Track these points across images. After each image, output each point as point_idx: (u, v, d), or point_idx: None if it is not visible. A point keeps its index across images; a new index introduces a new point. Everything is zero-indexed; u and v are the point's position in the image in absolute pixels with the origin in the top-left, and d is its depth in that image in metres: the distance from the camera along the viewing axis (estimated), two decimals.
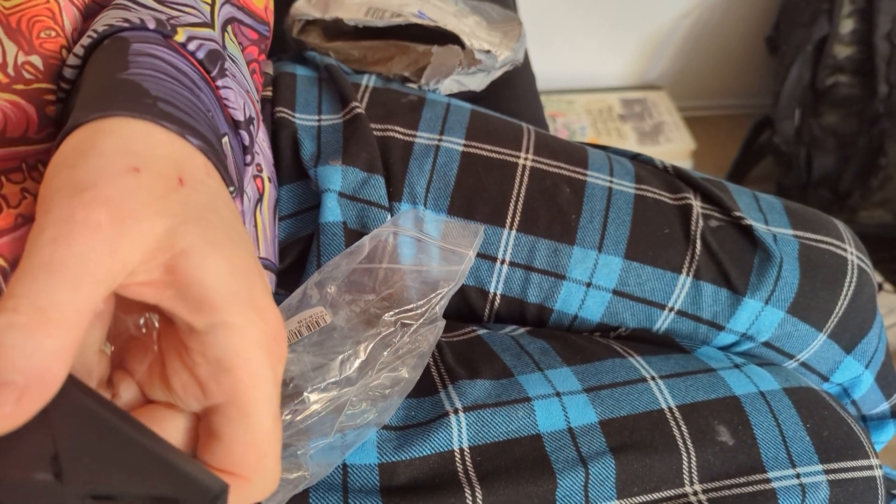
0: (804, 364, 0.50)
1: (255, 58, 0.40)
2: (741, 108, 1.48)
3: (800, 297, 0.48)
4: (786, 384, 0.45)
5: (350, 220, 0.48)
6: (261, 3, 0.41)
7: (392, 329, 0.36)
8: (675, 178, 0.52)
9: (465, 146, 0.50)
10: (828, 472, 0.42)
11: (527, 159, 0.50)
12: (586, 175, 0.51)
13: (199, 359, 0.22)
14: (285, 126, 0.50)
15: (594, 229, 0.48)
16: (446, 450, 0.40)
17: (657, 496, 0.40)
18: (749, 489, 0.41)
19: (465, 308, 0.51)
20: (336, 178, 0.48)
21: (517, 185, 0.49)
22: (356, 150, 0.48)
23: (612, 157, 0.54)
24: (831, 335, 0.49)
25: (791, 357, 0.50)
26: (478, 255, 0.48)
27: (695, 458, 0.41)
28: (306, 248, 0.49)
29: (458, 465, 0.40)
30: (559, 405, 0.42)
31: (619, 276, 0.48)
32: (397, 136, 0.50)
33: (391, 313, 0.36)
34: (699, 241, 0.49)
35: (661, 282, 0.48)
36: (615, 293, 0.49)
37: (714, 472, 0.41)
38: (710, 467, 0.41)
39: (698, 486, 0.41)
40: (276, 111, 0.51)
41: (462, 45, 0.56)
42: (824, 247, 0.50)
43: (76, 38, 0.33)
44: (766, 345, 0.49)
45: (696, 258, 0.48)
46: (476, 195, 0.49)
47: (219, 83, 0.32)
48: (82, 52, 0.30)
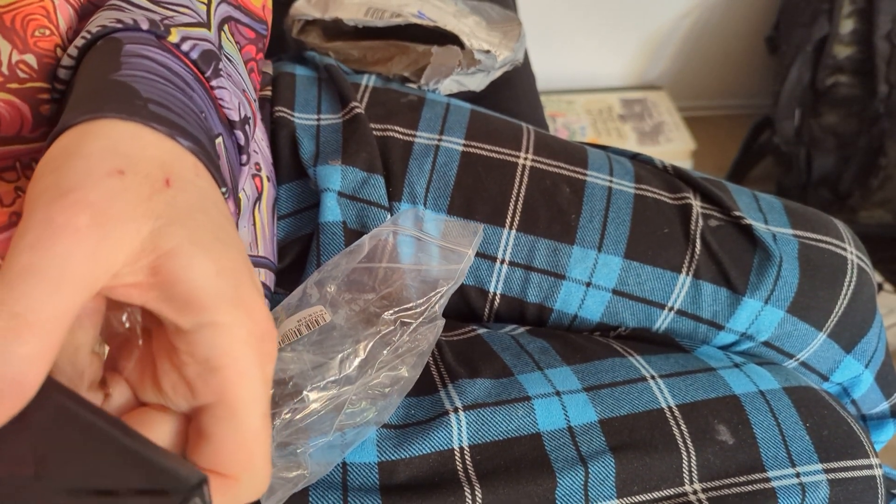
0: (804, 363, 0.50)
1: (252, 56, 0.40)
2: (741, 108, 1.48)
3: (799, 297, 0.48)
4: (786, 383, 0.45)
5: (350, 219, 0.48)
6: (258, 1, 0.41)
7: (392, 328, 0.36)
8: (674, 178, 0.52)
9: (464, 146, 0.50)
10: (827, 471, 0.42)
11: (526, 159, 0.50)
12: (586, 175, 0.51)
13: (186, 359, 0.22)
14: (284, 125, 0.50)
15: (594, 229, 0.49)
16: (446, 448, 0.40)
17: (657, 495, 0.40)
18: (749, 488, 0.41)
19: (464, 307, 0.51)
20: (335, 177, 0.48)
21: (517, 185, 0.49)
22: (356, 149, 0.49)
23: (612, 156, 0.54)
24: (831, 335, 0.49)
25: (791, 356, 0.50)
26: (478, 254, 0.49)
27: (695, 458, 0.41)
28: (306, 247, 0.49)
29: (457, 463, 0.40)
30: (559, 404, 0.42)
31: (619, 275, 0.48)
32: (397, 135, 0.51)
33: (391, 312, 0.36)
34: (699, 241, 0.49)
35: (660, 281, 0.48)
36: (615, 293, 0.49)
37: (714, 472, 0.41)
38: (709, 466, 0.41)
39: (698, 486, 0.41)
40: (276, 110, 0.51)
41: (462, 45, 0.56)
42: (824, 246, 0.50)
43: (71, 36, 0.33)
44: (766, 344, 0.49)
45: (696, 258, 0.48)
46: (476, 195, 0.49)
47: (213, 83, 0.32)
48: (76, 53, 0.30)
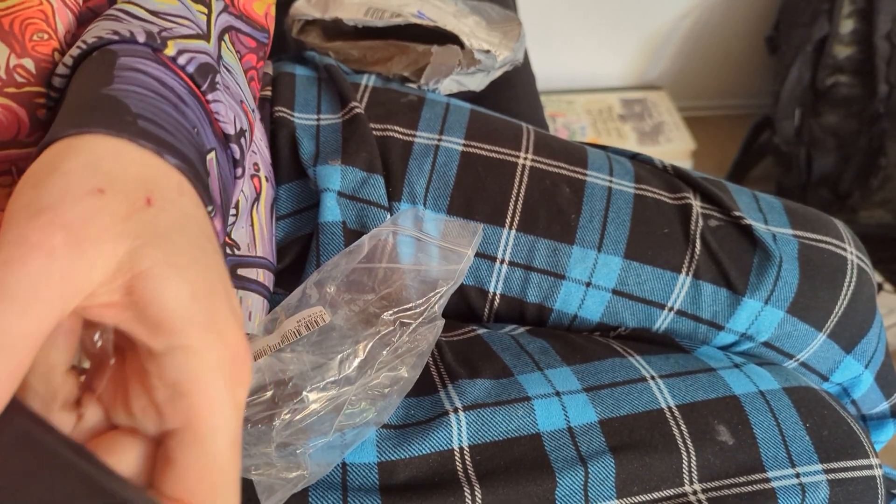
0: (804, 364, 0.50)
1: (253, 65, 0.40)
2: (741, 108, 1.48)
3: (799, 297, 0.48)
4: (785, 384, 0.45)
5: (349, 219, 0.48)
6: (261, 9, 0.41)
7: (391, 328, 0.36)
8: (674, 178, 0.52)
9: (464, 146, 0.50)
10: (827, 471, 0.42)
11: (526, 159, 0.50)
12: (586, 175, 0.51)
13: (156, 382, 0.22)
14: (284, 125, 0.50)
15: (594, 229, 0.48)
16: (446, 449, 0.40)
17: (657, 495, 0.40)
18: (749, 489, 0.41)
19: (464, 307, 0.51)
20: (335, 177, 0.48)
21: (517, 185, 0.49)
22: (355, 149, 0.48)
23: (612, 156, 0.54)
24: (831, 335, 0.49)
25: (791, 357, 0.50)
26: (477, 254, 0.48)
27: (694, 458, 0.41)
28: (305, 247, 0.49)
29: (457, 464, 0.40)
30: (559, 404, 0.42)
31: (619, 275, 0.48)
32: (397, 135, 0.51)
33: (390, 312, 0.36)
34: (699, 241, 0.49)
35: (660, 281, 0.48)
36: (615, 293, 0.49)
37: (714, 472, 0.41)
38: (709, 467, 0.41)
39: (698, 486, 0.41)
40: (275, 110, 0.51)
41: (461, 45, 0.56)
42: (824, 246, 0.50)
43: (69, 40, 0.33)
44: (766, 345, 0.49)
45: (696, 258, 0.48)
46: (476, 195, 0.49)
47: (209, 97, 0.32)
48: (71, 62, 0.30)
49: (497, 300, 0.50)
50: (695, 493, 0.40)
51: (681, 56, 1.38)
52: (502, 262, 0.49)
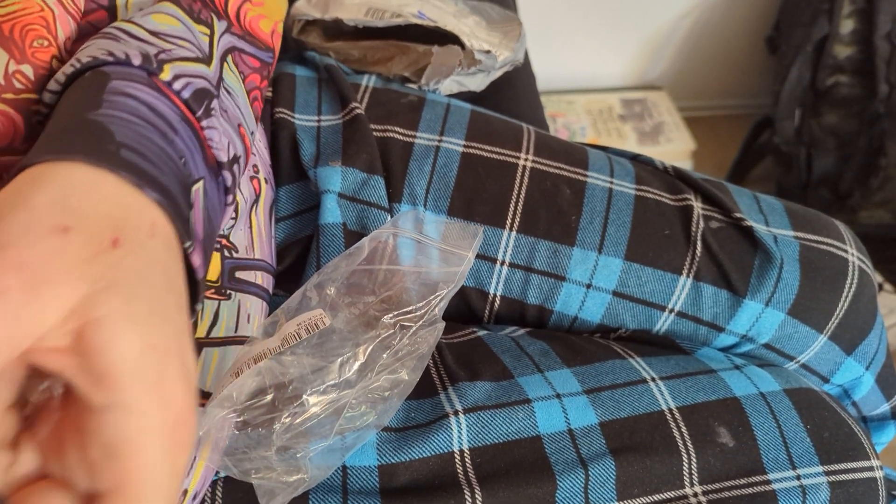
0: (805, 365, 0.50)
1: (257, 85, 0.39)
2: (741, 108, 1.48)
3: (800, 299, 0.48)
4: (786, 385, 0.45)
5: (350, 221, 0.48)
6: (268, 26, 0.40)
7: (391, 331, 0.36)
8: (675, 179, 0.52)
9: (465, 147, 0.50)
10: (828, 473, 0.42)
11: (527, 160, 0.50)
12: (587, 176, 0.51)
13: (92, 438, 0.21)
14: (285, 127, 0.50)
15: (594, 230, 0.48)
16: (446, 451, 0.40)
17: (657, 498, 0.40)
18: (749, 490, 0.41)
19: (464, 309, 0.51)
20: (336, 178, 0.47)
21: (517, 186, 0.49)
22: (356, 150, 0.48)
23: (613, 157, 0.54)
24: (832, 337, 0.49)
25: (791, 359, 0.50)
26: (478, 256, 0.48)
27: (695, 460, 0.41)
28: (306, 249, 0.49)
29: (457, 466, 0.40)
30: (559, 407, 0.42)
31: (620, 277, 0.48)
32: (397, 136, 0.50)
33: (390, 315, 0.36)
34: (700, 243, 0.48)
35: (661, 283, 0.48)
36: (615, 294, 0.49)
37: (714, 474, 0.41)
38: (710, 469, 0.41)
39: (698, 488, 0.41)
40: (276, 112, 0.51)
41: (462, 45, 0.55)
42: (825, 248, 0.50)
43: (69, 48, 0.32)
44: (767, 346, 0.49)
45: (697, 259, 0.48)
46: (476, 196, 0.49)
47: (203, 123, 0.31)
48: (63, 80, 0.29)
49: (497, 302, 0.50)
50: (695, 495, 0.40)
51: (681, 56, 1.38)
52: (503, 263, 0.49)
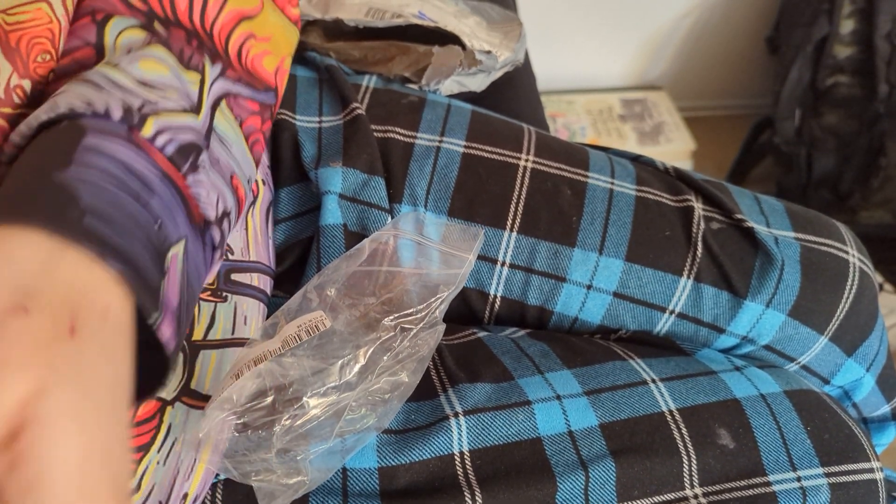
0: (805, 367, 0.50)
1: (257, 128, 0.37)
2: (741, 108, 1.48)
3: (801, 300, 0.48)
4: (787, 387, 0.45)
5: (350, 222, 0.47)
6: (272, 65, 0.38)
7: (392, 333, 0.36)
8: (676, 180, 0.52)
9: (465, 147, 0.50)
10: (828, 474, 0.42)
11: (527, 161, 0.50)
12: (587, 177, 0.50)
13: None
14: (286, 128, 0.50)
15: (595, 231, 0.48)
16: (446, 453, 0.40)
17: (657, 499, 0.40)
18: (749, 492, 0.41)
19: (465, 310, 0.51)
20: (336, 179, 0.47)
21: (518, 187, 0.49)
22: (357, 151, 0.48)
23: (613, 158, 0.54)
24: (833, 338, 0.49)
25: (792, 360, 0.50)
26: (478, 256, 0.48)
27: (695, 461, 0.41)
28: (306, 250, 0.48)
29: (458, 468, 0.40)
30: (559, 408, 0.42)
31: (620, 278, 0.48)
32: (398, 137, 0.50)
33: (391, 318, 0.36)
34: (700, 244, 0.48)
35: (661, 284, 0.48)
36: (616, 295, 0.49)
37: (714, 476, 0.41)
38: (710, 470, 0.41)
39: (699, 490, 0.41)
40: (277, 113, 0.51)
41: (462, 45, 0.55)
42: (826, 249, 0.50)
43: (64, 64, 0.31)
44: (767, 348, 0.49)
45: (698, 261, 0.48)
46: (477, 197, 0.49)
47: (189, 180, 0.30)
48: (35, 125, 0.28)
49: (498, 302, 0.50)
50: (696, 496, 0.40)
51: (681, 56, 1.38)
52: (503, 264, 0.49)
